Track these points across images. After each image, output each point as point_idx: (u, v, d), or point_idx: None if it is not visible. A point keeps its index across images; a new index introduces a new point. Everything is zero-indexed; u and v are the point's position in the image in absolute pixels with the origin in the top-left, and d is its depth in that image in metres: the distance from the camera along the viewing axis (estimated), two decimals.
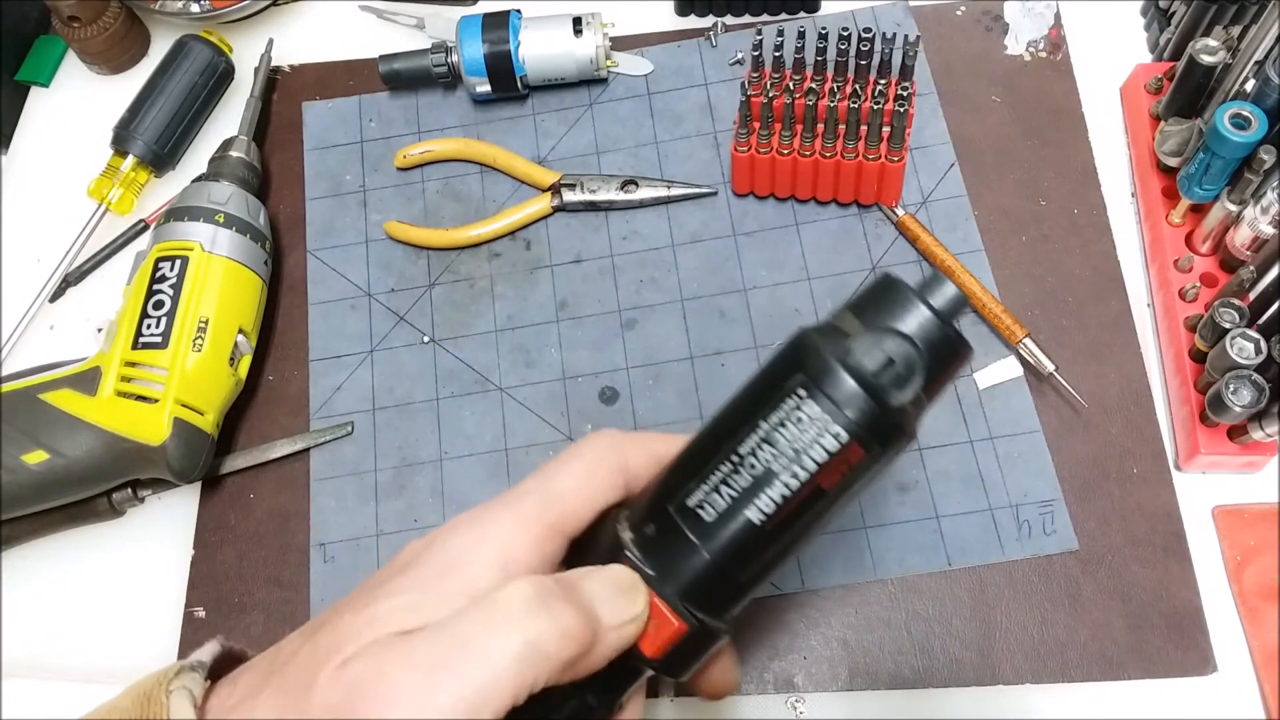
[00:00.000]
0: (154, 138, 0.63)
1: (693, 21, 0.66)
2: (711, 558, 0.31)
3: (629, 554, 0.32)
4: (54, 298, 0.63)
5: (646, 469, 0.35)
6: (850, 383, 0.30)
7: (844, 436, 0.30)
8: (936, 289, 0.32)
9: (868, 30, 0.55)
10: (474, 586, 0.31)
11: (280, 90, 0.67)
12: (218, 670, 0.34)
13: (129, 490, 0.55)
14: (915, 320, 0.31)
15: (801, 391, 0.31)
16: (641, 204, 0.60)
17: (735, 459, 0.31)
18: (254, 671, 0.33)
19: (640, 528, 0.33)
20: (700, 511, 0.31)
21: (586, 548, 0.33)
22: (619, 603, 0.31)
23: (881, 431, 0.30)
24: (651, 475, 0.35)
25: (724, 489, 0.31)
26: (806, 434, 0.30)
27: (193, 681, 0.32)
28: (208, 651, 0.34)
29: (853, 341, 0.31)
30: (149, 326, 0.53)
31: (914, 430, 0.32)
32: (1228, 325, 0.48)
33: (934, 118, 0.61)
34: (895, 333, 0.31)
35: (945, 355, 0.32)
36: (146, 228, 0.64)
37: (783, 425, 0.31)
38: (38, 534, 0.55)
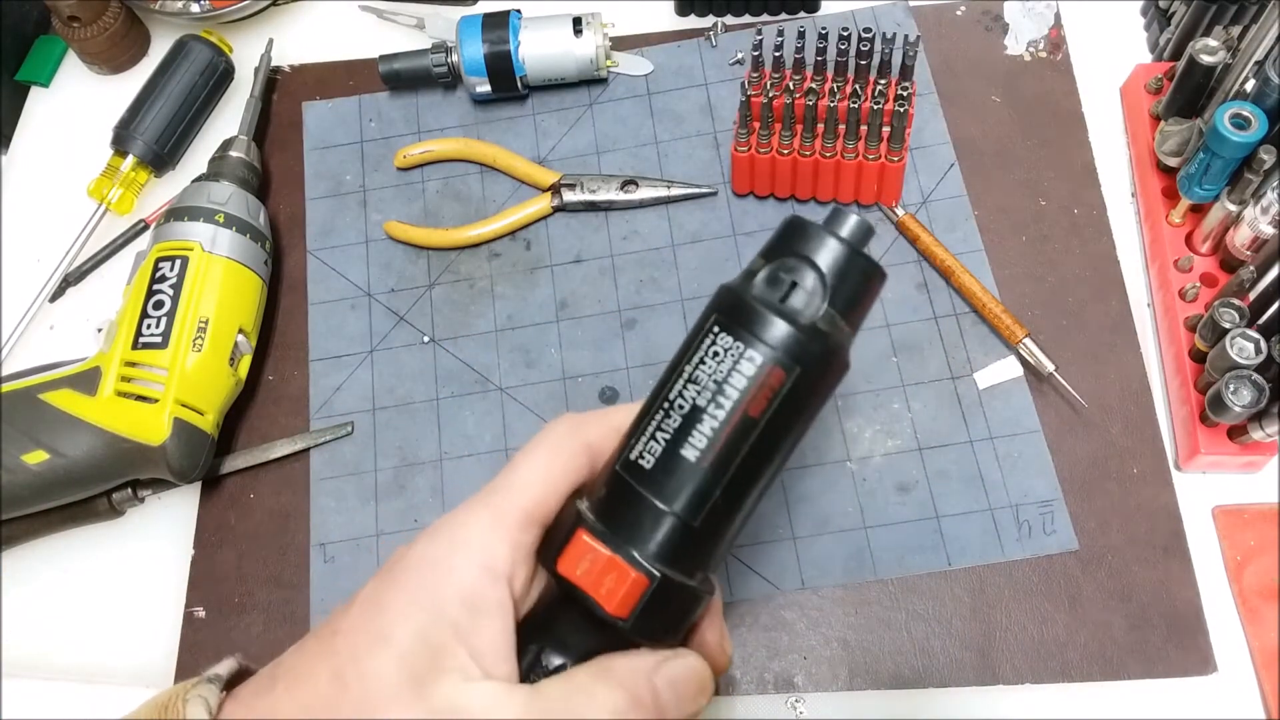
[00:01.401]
0: (154, 138, 0.63)
1: (693, 21, 0.66)
2: (657, 502, 0.31)
3: (585, 519, 0.32)
4: (54, 298, 0.63)
5: (608, 443, 0.35)
6: (757, 308, 0.32)
7: (757, 358, 0.31)
8: (839, 220, 0.33)
9: (868, 30, 0.55)
10: (463, 592, 0.31)
11: (280, 90, 0.67)
12: (233, 687, 0.34)
13: (129, 490, 0.55)
14: (819, 247, 0.32)
15: (715, 328, 0.32)
16: (641, 204, 0.60)
17: (665, 405, 0.32)
18: (260, 679, 0.33)
19: (594, 494, 0.33)
20: (641, 461, 0.32)
21: (553, 529, 0.34)
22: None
23: (796, 351, 0.31)
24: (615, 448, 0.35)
25: (659, 434, 0.32)
26: (724, 365, 0.31)
27: (209, 692, 0.33)
28: (225, 667, 0.35)
29: (757, 274, 0.33)
30: (149, 326, 0.53)
31: (842, 356, 0.33)
32: (1228, 325, 0.48)
33: (934, 118, 0.61)
34: (796, 256, 0.32)
35: (854, 276, 0.33)
36: (146, 228, 0.64)
37: (702, 362, 0.32)
38: (38, 534, 0.55)
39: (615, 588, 0.31)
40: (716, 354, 0.32)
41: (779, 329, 0.31)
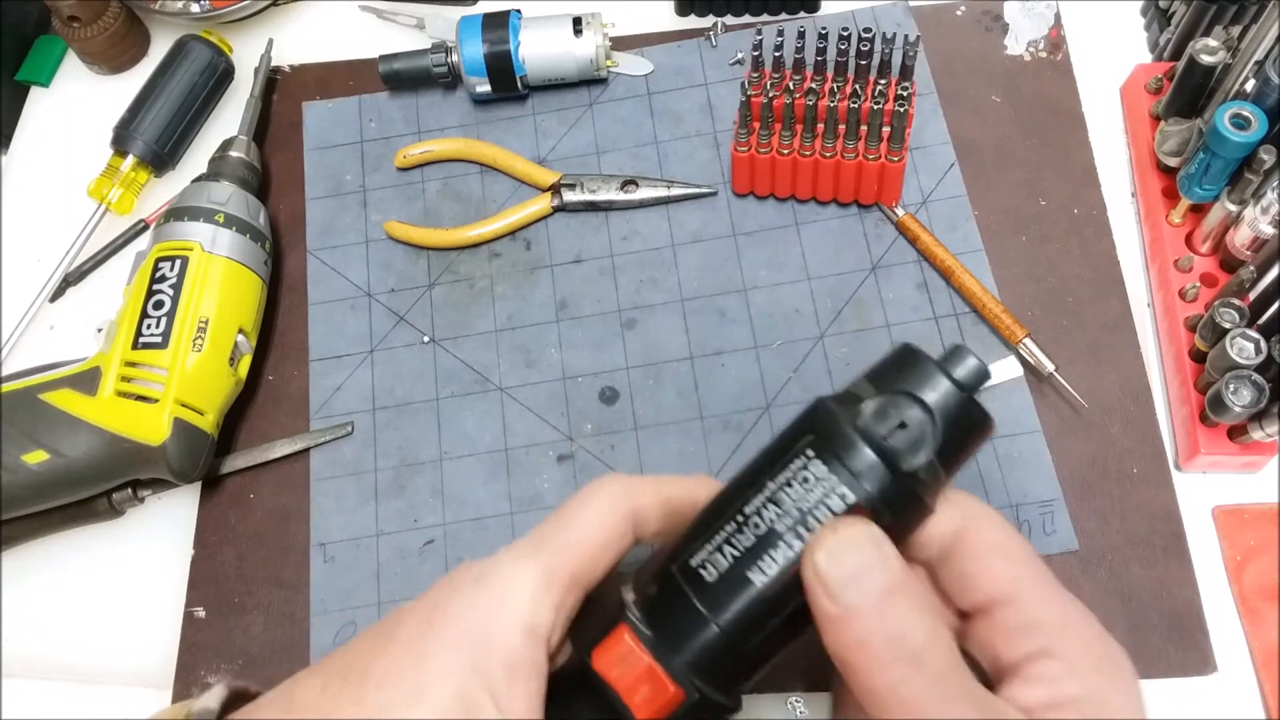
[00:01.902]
0: (154, 138, 0.63)
1: (693, 21, 0.66)
2: (713, 621, 0.30)
3: (630, 615, 0.31)
4: (54, 298, 0.63)
5: (655, 513, 0.34)
6: (859, 443, 0.29)
7: (850, 498, 0.29)
8: (958, 360, 0.31)
9: (868, 30, 0.55)
10: (505, 653, 0.30)
11: (280, 90, 0.67)
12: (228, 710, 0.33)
13: (129, 490, 0.55)
14: (932, 388, 0.30)
15: (810, 451, 0.30)
16: (641, 204, 0.60)
17: (740, 519, 0.30)
18: (273, 706, 0.32)
19: (644, 588, 0.32)
20: (702, 571, 0.30)
21: (591, 604, 0.33)
22: None
23: (891, 497, 0.29)
24: (660, 520, 0.34)
25: (727, 549, 0.30)
26: (812, 494, 0.29)
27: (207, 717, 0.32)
28: (215, 697, 0.34)
29: (864, 404, 0.30)
30: (149, 326, 0.53)
31: (931, 503, 0.31)
32: (1228, 325, 0.48)
33: (934, 118, 0.61)
34: (909, 396, 0.30)
35: (963, 426, 0.31)
36: (146, 228, 0.64)
37: (789, 485, 0.30)
38: (38, 534, 0.55)
39: (651, 698, 0.30)
40: (806, 480, 0.30)
41: (878, 473, 0.29)
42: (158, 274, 0.54)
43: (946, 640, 0.29)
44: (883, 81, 0.54)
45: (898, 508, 0.29)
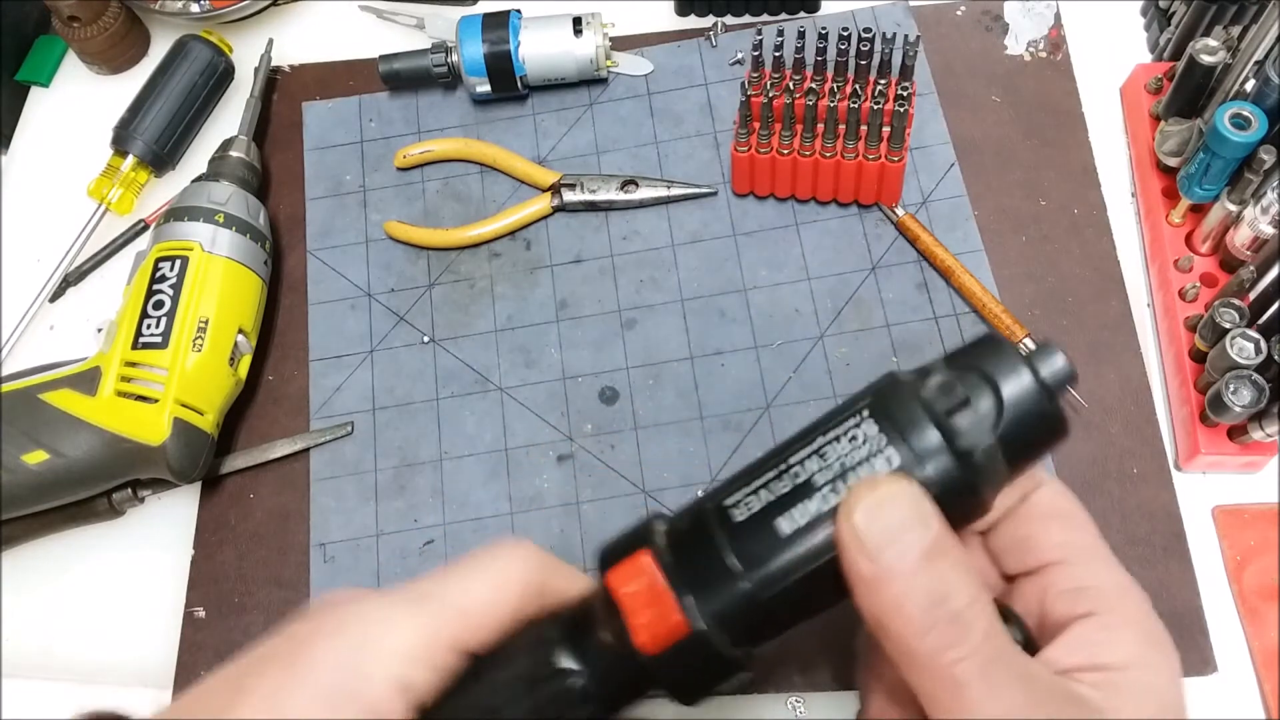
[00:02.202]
0: (154, 138, 0.63)
1: (693, 21, 0.66)
2: (735, 562, 0.29)
3: (655, 540, 0.30)
4: (54, 298, 0.63)
5: (563, 597, 0.32)
6: (917, 409, 0.28)
7: (895, 460, 0.28)
8: (1045, 355, 0.29)
9: (868, 30, 0.55)
10: (373, 706, 0.29)
11: (280, 90, 0.67)
12: None
13: (129, 490, 0.55)
14: (1009, 374, 0.29)
15: (865, 411, 0.29)
16: (641, 204, 0.60)
17: (783, 466, 0.29)
18: None
19: (677, 521, 0.31)
20: (734, 510, 0.29)
21: (624, 537, 0.32)
22: None
23: (941, 472, 0.28)
24: (540, 602, 0.32)
25: (763, 492, 0.29)
26: (859, 452, 0.28)
27: None
28: None
29: (932, 377, 0.29)
30: (149, 326, 0.53)
31: (988, 497, 0.29)
32: (1228, 325, 0.48)
33: (934, 118, 0.61)
34: (980, 375, 0.29)
35: (1035, 422, 0.29)
36: (146, 228, 0.64)
37: (837, 440, 0.29)
38: (38, 534, 0.55)
39: (653, 622, 0.29)
40: (854, 439, 0.29)
41: (931, 440, 0.28)
42: (158, 274, 0.54)
43: (988, 604, 0.28)
44: (883, 81, 0.54)
45: (947, 484, 0.28)
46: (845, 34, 0.54)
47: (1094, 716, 0.28)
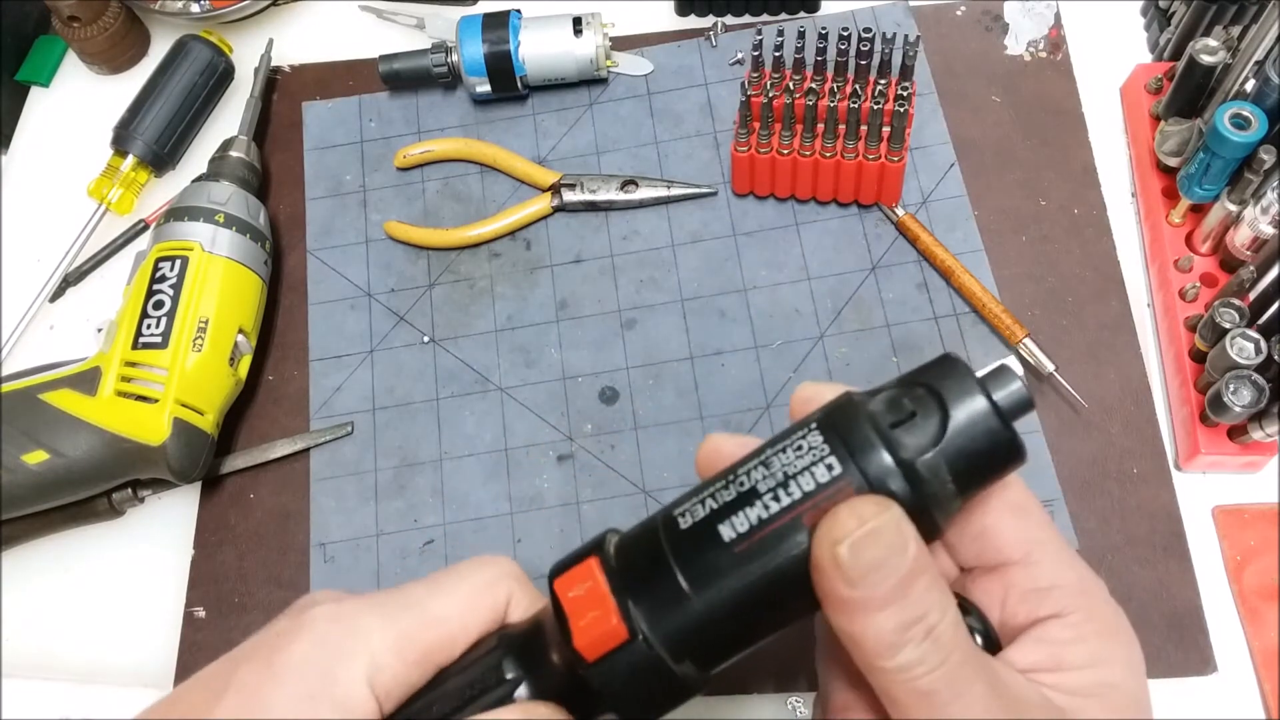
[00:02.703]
0: (154, 138, 0.63)
1: (693, 21, 0.66)
2: (675, 569, 0.29)
3: (605, 549, 0.30)
4: (54, 298, 0.63)
5: (531, 611, 0.33)
6: (861, 421, 0.28)
7: (836, 469, 0.28)
8: (1000, 380, 0.29)
9: (868, 30, 0.55)
10: (347, 705, 0.29)
11: (280, 90, 0.67)
12: None
13: (129, 490, 0.55)
14: (959, 393, 0.29)
15: (813, 424, 0.29)
16: (641, 204, 0.60)
17: (730, 477, 0.30)
18: None
19: (628, 533, 0.31)
20: (680, 519, 0.30)
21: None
22: None
23: (880, 480, 0.28)
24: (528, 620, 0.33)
25: (708, 501, 0.29)
26: (802, 460, 0.29)
27: None
28: None
29: (882, 393, 0.29)
30: (149, 326, 0.53)
31: (932, 515, 0.29)
32: (1228, 325, 0.48)
33: (934, 118, 0.61)
34: (929, 391, 0.29)
35: (983, 441, 0.29)
36: (146, 228, 0.64)
37: (783, 451, 0.29)
38: (38, 534, 0.55)
39: (593, 626, 0.29)
40: (799, 449, 0.29)
41: (873, 451, 0.28)
42: (158, 274, 0.54)
43: (955, 613, 0.28)
44: (883, 81, 0.54)
45: (885, 494, 0.28)
46: (845, 34, 0.54)
47: (1059, 717, 0.29)
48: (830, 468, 0.28)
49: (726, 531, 0.29)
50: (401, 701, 0.31)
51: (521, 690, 0.31)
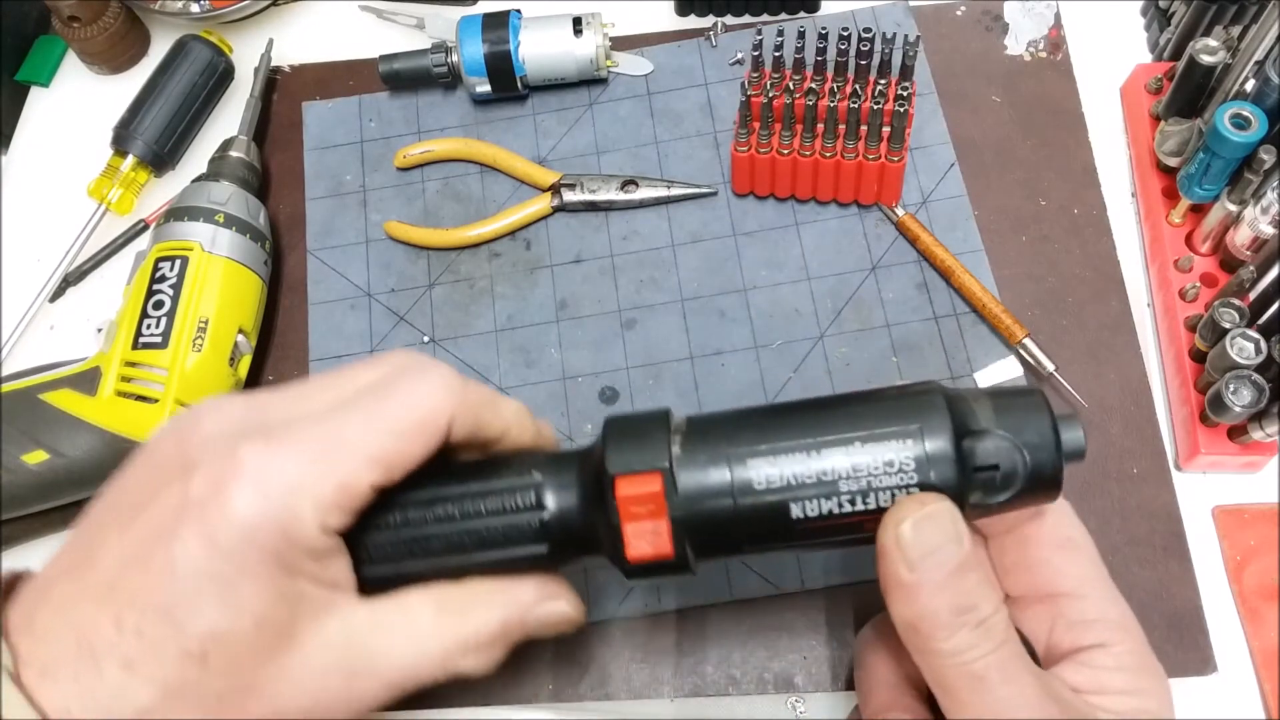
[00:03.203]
0: (154, 138, 0.63)
1: (693, 21, 0.66)
2: (737, 522, 0.32)
3: (671, 468, 0.32)
4: (54, 298, 0.63)
5: (467, 423, 0.34)
6: (954, 463, 0.31)
7: (915, 489, 0.31)
8: (1069, 427, 0.32)
9: (868, 30, 0.55)
10: (307, 546, 0.30)
11: (280, 90, 0.67)
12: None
13: None
14: (1038, 443, 0.32)
15: (909, 440, 0.31)
16: (641, 204, 0.60)
17: (813, 449, 0.32)
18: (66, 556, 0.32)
19: (694, 451, 0.33)
20: (753, 475, 0.32)
21: (633, 426, 0.34)
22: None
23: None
24: (467, 431, 0.34)
25: (787, 468, 0.31)
26: (889, 477, 0.31)
27: None
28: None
29: (981, 430, 0.32)
30: (149, 326, 0.53)
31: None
32: (1228, 325, 0.48)
33: (934, 118, 0.61)
34: (1018, 450, 0.32)
35: (1039, 487, 0.32)
36: (146, 228, 0.64)
37: (873, 454, 0.31)
38: (38, 534, 0.55)
39: (647, 544, 0.32)
40: (890, 462, 0.31)
41: (952, 494, 0.31)
42: (158, 274, 0.54)
43: (1006, 615, 0.31)
44: (883, 81, 0.54)
45: None
46: (845, 34, 0.54)
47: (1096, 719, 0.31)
48: (909, 491, 0.31)
49: (796, 510, 0.31)
50: (353, 522, 0.32)
51: (547, 519, 0.33)
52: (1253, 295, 0.49)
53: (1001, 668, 0.30)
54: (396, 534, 0.33)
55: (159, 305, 0.53)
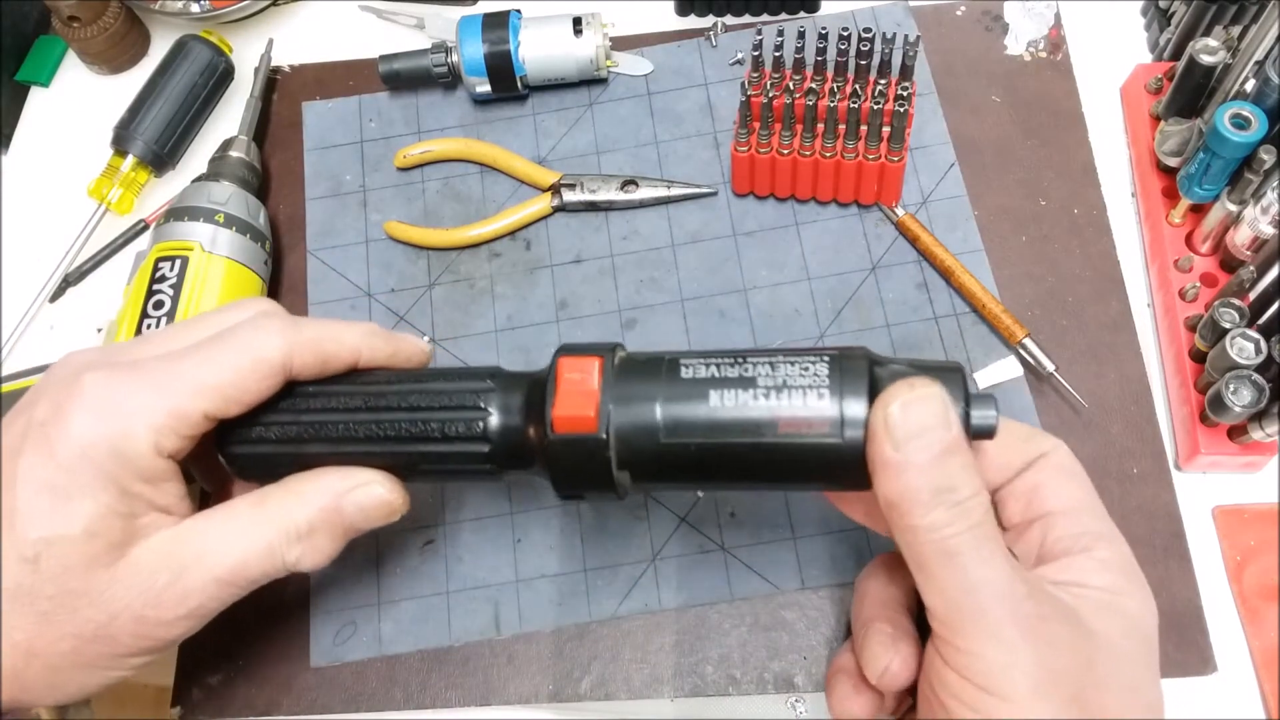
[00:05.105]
0: (154, 138, 0.63)
1: (693, 21, 0.66)
2: (658, 400, 0.34)
3: (613, 356, 0.36)
4: (54, 298, 0.63)
5: (308, 357, 0.37)
6: (864, 379, 0.33)
7: (825, 402, 0.33)
8: (982, 405, 0.34)
9: (868, 30, 0.55)
10: (142, 473, 0.34)
11: (280, 90, 0.67)
12: None
13: None
14: (957, 388, 0.34)
15: (827, 358, 0.34)
16: (641, 204, 0.60)
17: (741, 360, 0.34)
18: None
19: (638, 354, 0.36)
20: (684, 368, 0.35)
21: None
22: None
23: (852, 429, 0.33)
24: (311, 366, 0.37)
25: (714, 368, 0.34)
26: (803, 379, 0.33)
27: None
28: None
29: (893, 364, 0.34)
30: (149, 326, 0.53)
31: (868, 475, 0.33)
32: (1228, 325, 0.49)
33: (934, 118, 0.61)
34: (924, 371, 0.34)
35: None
36: (146, 228, 0.64)
37: (792, 364, 0.34)
38: None
39: (572, 409, 0.35)
40: (806, 369, 0.34)
41: (857, 403, 0.33)
42: (158, 274, 0.54)
43: (986, 500, 0.32)
44: (883, 81, 0.54)
45: (846, 444, 0.33)
46: (845, 34, 0.54)
47: (1071, 620, 0.32)
48: (820, 397, 0.33)
49: (715, 399, 0.34)
50: (187, 450, 0.36)
51: (491, 420, 0.38)
52: (1253, 295, 0.49)
53: (976, 547, 0.31)
54: (300, 419, 0.38)
55: (159, 305, 0.54)
